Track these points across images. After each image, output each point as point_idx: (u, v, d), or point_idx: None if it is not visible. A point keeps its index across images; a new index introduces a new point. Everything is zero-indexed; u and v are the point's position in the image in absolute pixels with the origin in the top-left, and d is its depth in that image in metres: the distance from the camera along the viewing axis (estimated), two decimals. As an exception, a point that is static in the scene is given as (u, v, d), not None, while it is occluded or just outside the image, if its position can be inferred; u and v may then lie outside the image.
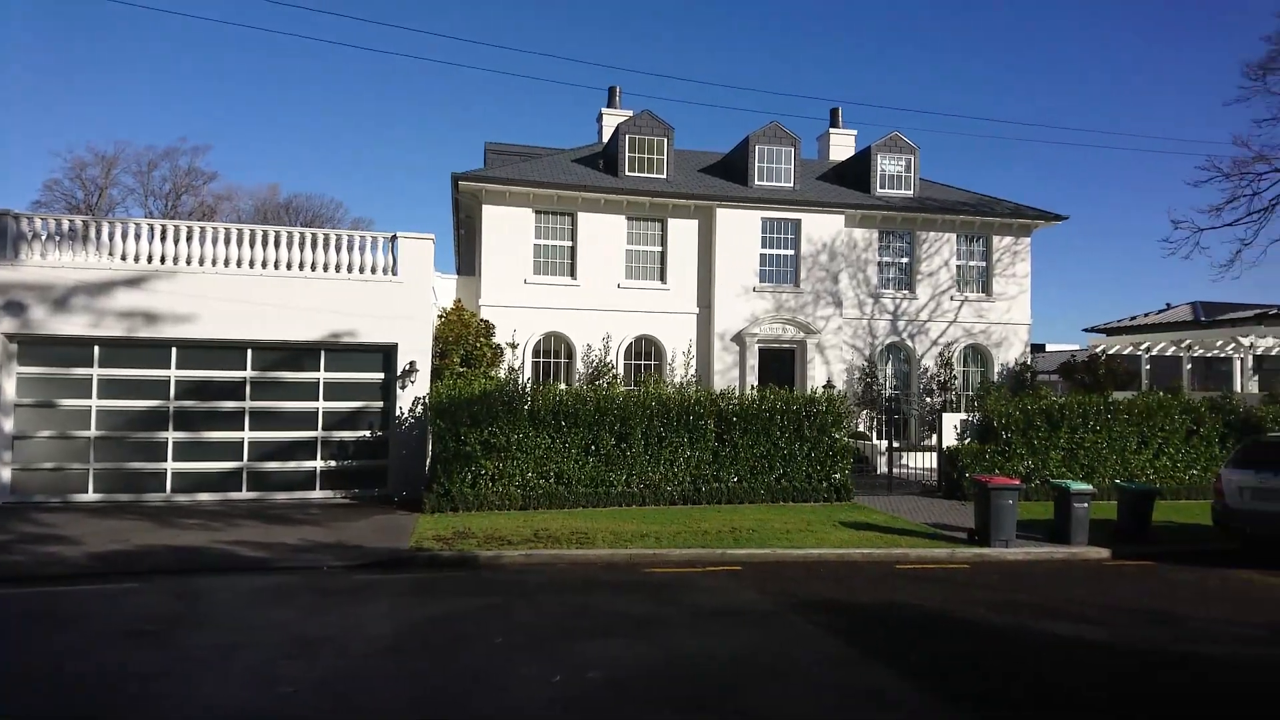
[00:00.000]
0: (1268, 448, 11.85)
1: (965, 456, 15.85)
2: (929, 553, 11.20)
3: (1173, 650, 7.15)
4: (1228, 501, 11.72)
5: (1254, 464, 11.56)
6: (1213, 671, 6.61)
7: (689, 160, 23.73)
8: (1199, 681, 6.37)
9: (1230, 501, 11.67)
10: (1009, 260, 22.78)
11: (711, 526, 12.33)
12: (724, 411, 14.81)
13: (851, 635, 7.38)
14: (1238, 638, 7.60)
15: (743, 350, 20.47)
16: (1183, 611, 8.48)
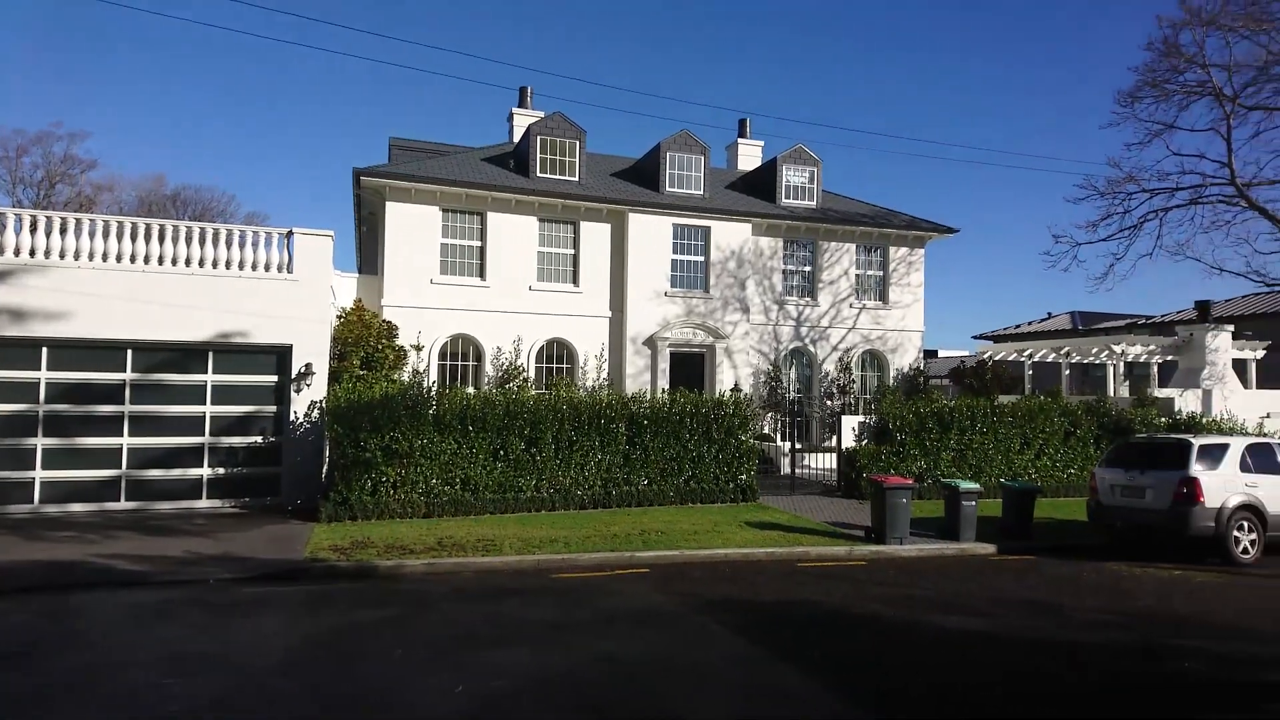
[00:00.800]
0: (1136, 448, 12.81)
1: (863, 457, 16.45)
2: (829, 551, 11.55)
3: (1055, 640, 7.61)
4: (1101, 498, 12.61)
5: (1124, 463, 12.48)
6: (1092, 659, 7.07)
7: (601, 164, 23.74)
8: (1080, 669, 6.79)
9: (1104, 498, 12.56)
10: (904, 270, 23.81)
11: (621, 530, 12.33)
12: (635, 415, 14.86)
13: (757, 634, 7.51)
14: (1111, 625, 8.16)
15: (654, 354, 20.61)
16: (1063, 603, 9.04)
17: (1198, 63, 20.19)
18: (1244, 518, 11.45)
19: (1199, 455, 11.64)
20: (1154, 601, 9.09)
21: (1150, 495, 11.79)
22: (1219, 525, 11.29)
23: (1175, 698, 6.08)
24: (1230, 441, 12.15)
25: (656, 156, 22.02)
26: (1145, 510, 11.87)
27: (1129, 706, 5.91)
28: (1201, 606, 8.88)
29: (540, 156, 20.85)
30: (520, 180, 20.38)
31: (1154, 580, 10.26)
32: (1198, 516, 11.29)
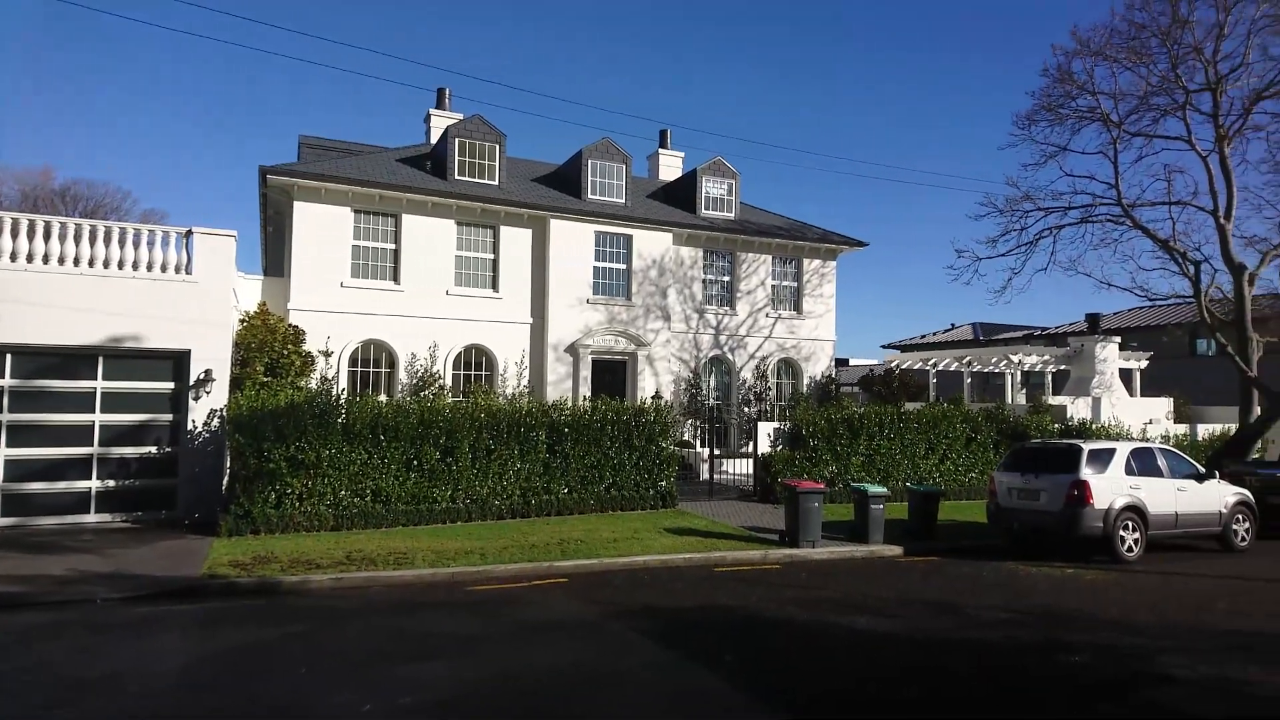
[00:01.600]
0: (1031, 453, 13.52)
1: (778, 462, 16.79)
2: (744, 555, 11.72)
3: (959, 638, 7.92)
4: (1000, 501, 13.23)
5: (1020, 467, 13.14)
6: (992, 655, 7.39)
7: (521, 169, 23.53)
8: (980, 664, 7.09)
9: (1002, 501, 13.18)
10: (817, 281, 24.50)
11: (540, 539, 12.19)
12: (556, 423, 14.73)
13: (674, 640, 7.53)
14: (1009, 623, 8.55)
15: (576, 361, 20.51)
16: (964, 601, 9.42)
17: (1088, 90, 21.56)
18: (1129, 518, 12.21)
19: (1088, 460, 12.36)
20: (1048, 599, 9.58)
21: (1044, 498, 12.45)
22: (1106, 525, 12.01)
23: (1068, 690, 6.41)
24: (1117, 446, 12.96)
25: (578, 163, 21.99)
26: (1040, 512, 12.52)
27: (1027, 700, 6.19)
28: (1091, 602, 9.41)
29: (459, 159, 20.50)
30: (437, 182, 19.98)
31: (1048, 579, 10.82)
32: (1088, 517, 11.99)
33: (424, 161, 21.40)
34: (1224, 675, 6.67)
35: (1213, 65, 19.76)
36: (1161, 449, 13.52)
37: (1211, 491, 13.18)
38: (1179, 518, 12.72)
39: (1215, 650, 7.44)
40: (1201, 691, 6.30)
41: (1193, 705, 6.02)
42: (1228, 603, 9.45)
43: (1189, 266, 20.72)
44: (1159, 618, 8.66)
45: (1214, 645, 7.63)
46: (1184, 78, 20.23)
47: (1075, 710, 5.96)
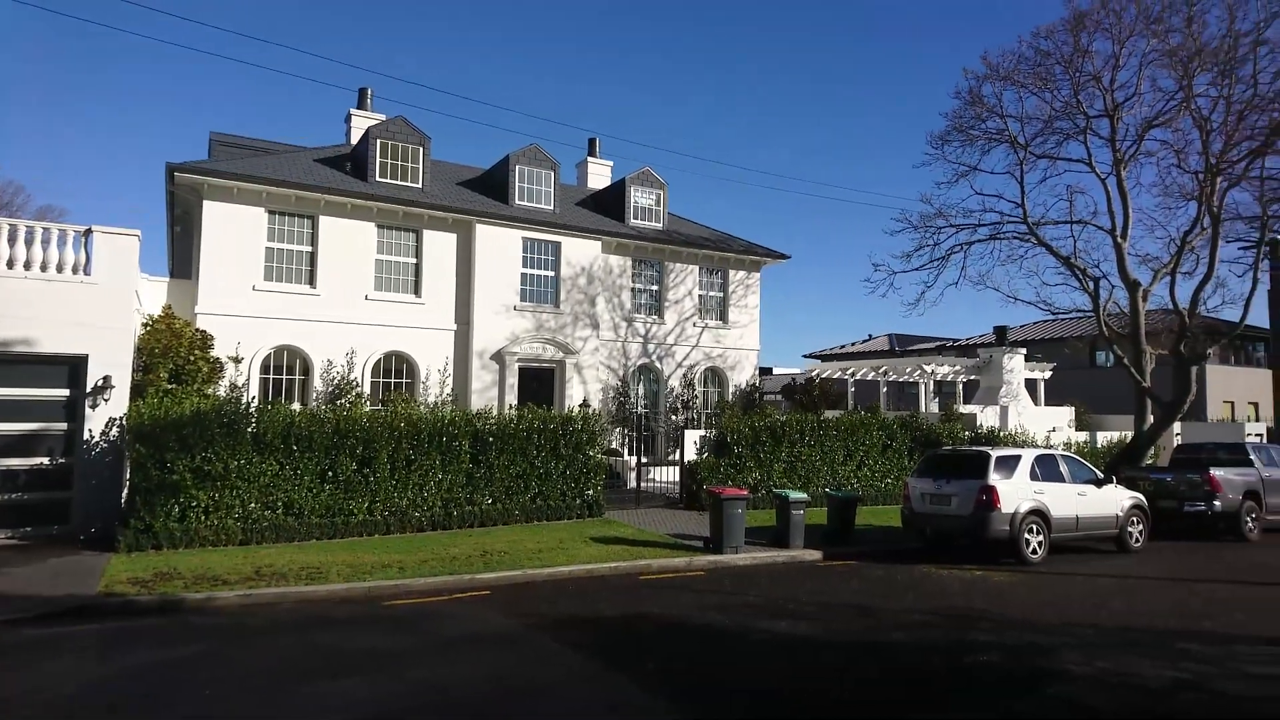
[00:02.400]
0: (943, 459, 14.04)
1: (703, 470, 16.95)
2: (670, 562, 11.76)
3: (872, 639, 8.14)
4: (913, 505, 13.69)
5: (933, 473, 13.63)
6: (902, 655, 7.61)
7: (447, 172, 23.14)
8: (893, 664, 7.29)
9: (915, 505, 13.64)
10: (743, 292, 24.91)
11: (462, 551, 11.94)
12: (480, 432, 14.47)
13: (597, 650, 7.48)
14: (921, 624, 8.82)
15: (502, 369, 20.23)
16: (879, 604, 9.69)
17: (997, 113, 22.64)
18: (1033, 521, 12.80)
19: (996, 466, 12.92)
20: (958, 600, 9.94)
21: (955, 502, 12.93)
22: (1013, 529, 12.56)
23: (975, 688, 6.65)
24: (1022, 453, 13.59)
25: (505, 168, 21.77)
26: (951, 516, 13.00)
27: (936, 699, 6.39)
28: (998, 603, 9.81)
29: (380, 160, 20.01)
30: (357, 184, 19.44)
31: (958, 580, 11.23)
32: (995, 521, 12.51)
33: (344, 162, 20.80)
34: (1118, 670, 7.05)
35: (1110, 93, 21.06)
36: (1063, 455, 14.23)
37: (1109, 496, 13.95)
38: (1079, 521, 13.41)
39: (1111, 646, 7.86)
40: (1097, 686, 6.63)
41: (1088, 699, 6.32)
42: (1122, 601, 10.00)
43: (1089, 282, 21.95)
44: (1060, 616, 9.09)
45: (1110, 641, 8.05)
46: (1085, 104, 21.49)
47: (980, 708, 6.18)
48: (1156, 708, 6.16)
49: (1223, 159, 19.94)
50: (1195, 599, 10.11)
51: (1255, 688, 6.66)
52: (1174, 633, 8.36)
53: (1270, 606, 9.74)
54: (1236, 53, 19.55)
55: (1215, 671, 7.04)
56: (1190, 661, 7.32)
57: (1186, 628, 8.58)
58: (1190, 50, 19.71)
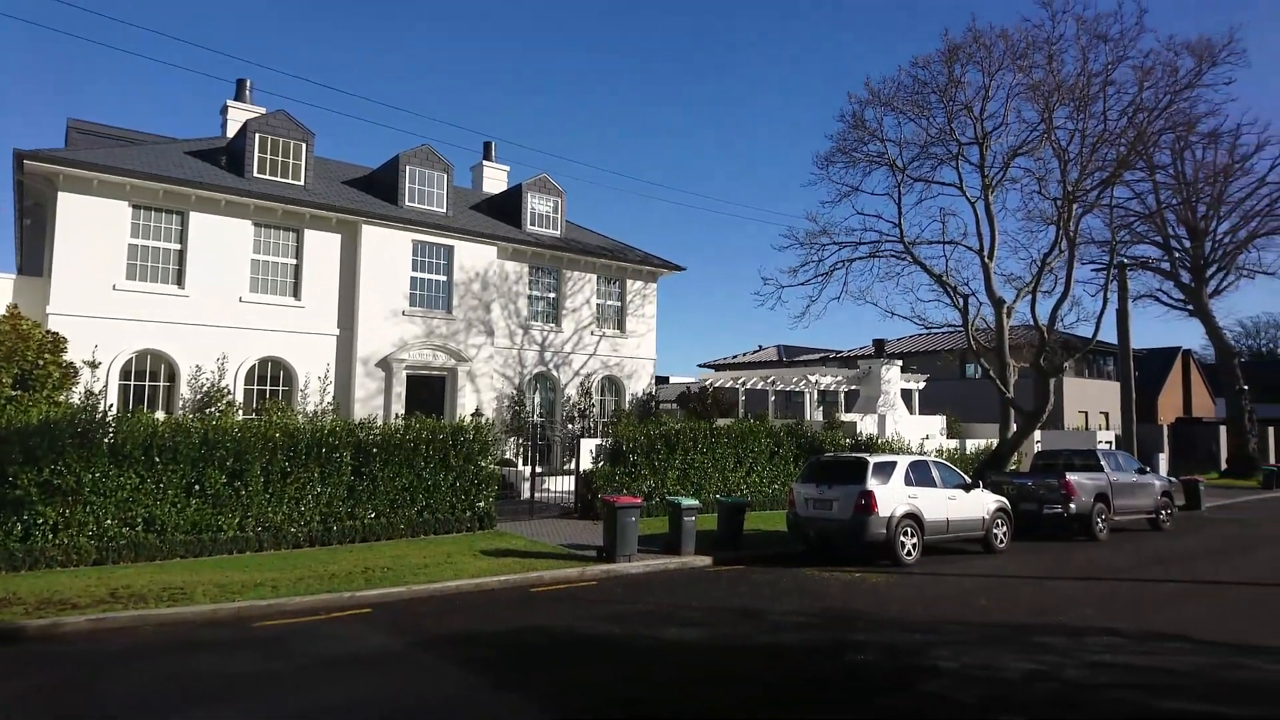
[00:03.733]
0: (826, 465, 14.56)
1: (599, 478, 16.92)
2: (562, 573, 11.64)
3: (757, 642, 8.32)
4: (798, 510, 14.12)
5: (816, 479, 14.11)
6: (785, 656, 7.82)
7: (332, 170, 22.20)
8: (777, 665, 7.47)
9: (800, 510, 14.08)
10: (640, 302, 25.12)
11: (342, 568, 11.39)
12: (363, 442, 13.88)
13: (485, 666, 7.30)
14: (803, 625, 9.09)
15: (389, 376, 19.51)
16: (765, 607, 9.92)
17: (878, 136, 23.89)
18: (908, 524, 13.45)
19: (874, 471, 13.51)
20: (839, 602, 10.32)
21: (836, 507, 13.44)
22: (889, 532, 13.16)
23: (852, 687, 6.90)
24: (898, 460, 14.27)
25: (395, 169, 21.09)
26: (832, 520, 13.50)
27: (816, 698, 6.59)
28: (875, 603, 10.24)
29: (259, 156, 18.97)
30: (234, 180, 18.35)
31: (839, 583, 11.66)
32: (873, 525, 13.07)
33: (219, 156, 19.59)
34: (982, 664, 7.49)
35: (980, 122, 22.61)
36: (935, 462, 15.05)
37: (976, 500, 14.84)
38: (950, 523, 14.20)
39: (977, 642, 8.34)
40: (964, 680, 7.02)
41: (955, 693, 6.68)
42: (987, 598, 10.64)
43: (959, 299, 23.43)
44: (932, 615, 9.58)
45: (976, 637, 8.54)
46: (957, 131, 23.00)
47: (858, 705, 6.42)
48: (1015, 697, 6.58)
49: (1078, 187, 21.79)
50: (1051, 595, 10.89)
51: (1098, 675, 7.22)
52: (1032, 627, 8.97)
53: (1113, 600, 10.61)
54: (1089, 90, 21.46)
55: (1066, 662, 7.58)
56: (1046, 654, 7.87)
57: (1043, 622, 9.22)
58: (1050, 86, 21.46)
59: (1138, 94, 21.58)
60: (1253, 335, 74.01)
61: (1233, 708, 6.36)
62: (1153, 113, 21.94)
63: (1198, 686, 6.88)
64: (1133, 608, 10.04)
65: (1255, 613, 9.79)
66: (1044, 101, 21.56)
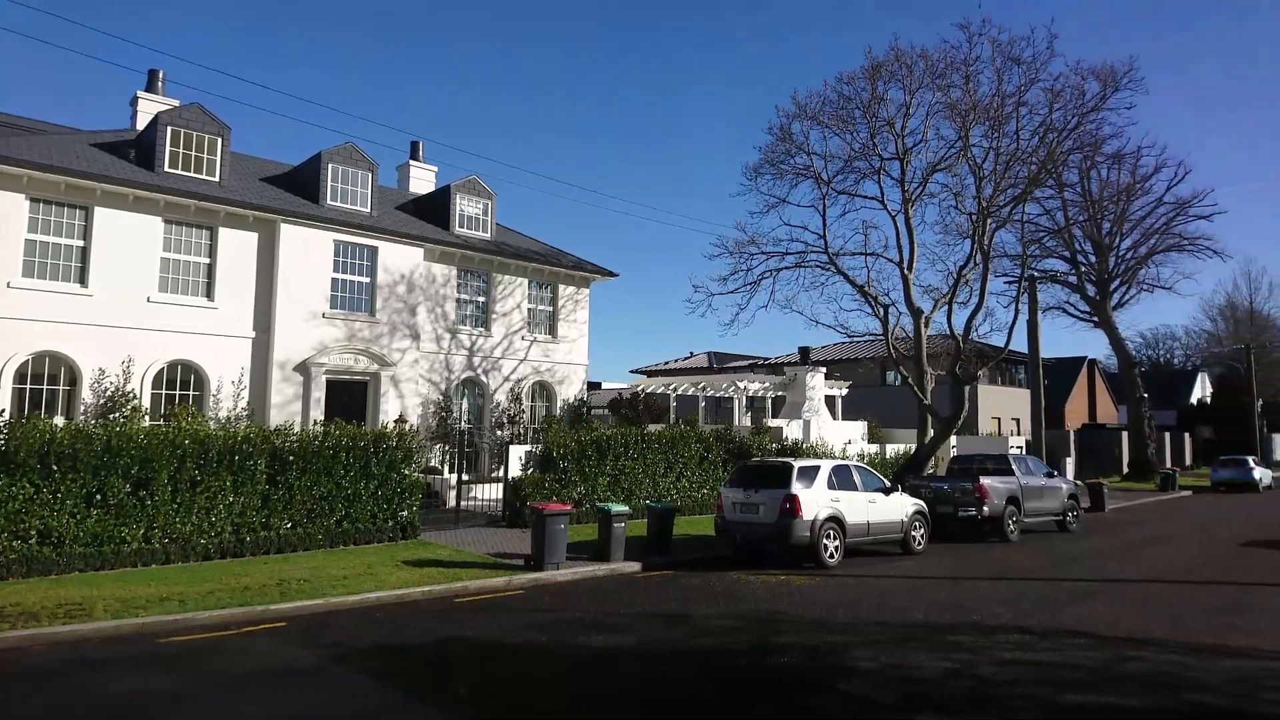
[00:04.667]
0: (752, 470, 14.78)
1: (528, 485, 16.73)
2: (488, 583, 11.45)
3: (684, 647, 8.35)
4: (725, 515, 14.28)
5: (743, 483, 14.30)
6: (711, 659, 7.88)
7: (250, 167, 21.37)
8: (702, 669, 7.51)
9: (727, 514, 14.24)
10: (572, 307, 25.00)
11: (255, 581, 10.92)
12: (280, 449, 13.36)
13: (406, 678, 7.11)
14: (729, 629, 9.18)
15: (308, 381, 18.85)
16: (692, 611, 9.98)
17: (804, 150, 24.46)
18: (831, 527, 13.76)
19: (798, 476, 13.77)
20: (763, 605, 10.46)
21: (762, 511, 13.65)
22: (813, 534, 13.43)
23: (776, 689, 6.99)
24: (821, 464, 14.59)
25: (317, 166, 20.44)
26: (759, 524, 13.70)
27: (740, 700, 6.65)
28: (799, 606, 10.42)
29: (171, 150, 18.11)
30: (143, 174, 17.46)
31: (764, 585, 11.83)
32: (798, 528, 13.32)
33: (127, 149, 18.62)
34: (900, 663, 7.70)
35: (901, 139, 23.40)
36: (857, 466, 15.46)
37: (896, 503, 15.30)
38: (870, 526, 14.59)
39: (895, 641, 8.57)
40: (882, 680, 7.20)
41: (875, 693, 6.84)
42: (905, 599, 10.97)
43: (880, 309, 24.16)
44: (852, 616, 9.81)
45: (895, 637, 8.78)
46: (880, 147, 23.75)
47: (781, 707, 6.51)
48: (932, 695, 6.79)
49: (992, 203, 22.80)
50: (965, 595, 11.30)
51: (1008, 672, 7.52)
52: (948, 626, 9.28)
53: (1023, 599, 11.08)
54: (1003, 110, 22.49)
55: (979, 660, 7.88)
56: (960, 652, 8.15)
57: (957, 621, 9.55)
58: (967, 105, 22.39)
59: (1048, 115, 22.76)
60: (1152, 346, 78.90)
61: (1127, 699, 6.71)
62: (1062, 133, 23.15)
63: (1098, 680, 7.24)
64: (1041, 606, 10.51)
65: (1150, 609, 10.37)
66: (961, 120, 22.48)
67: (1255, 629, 9.21)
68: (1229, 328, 66.53)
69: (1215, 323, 69.88)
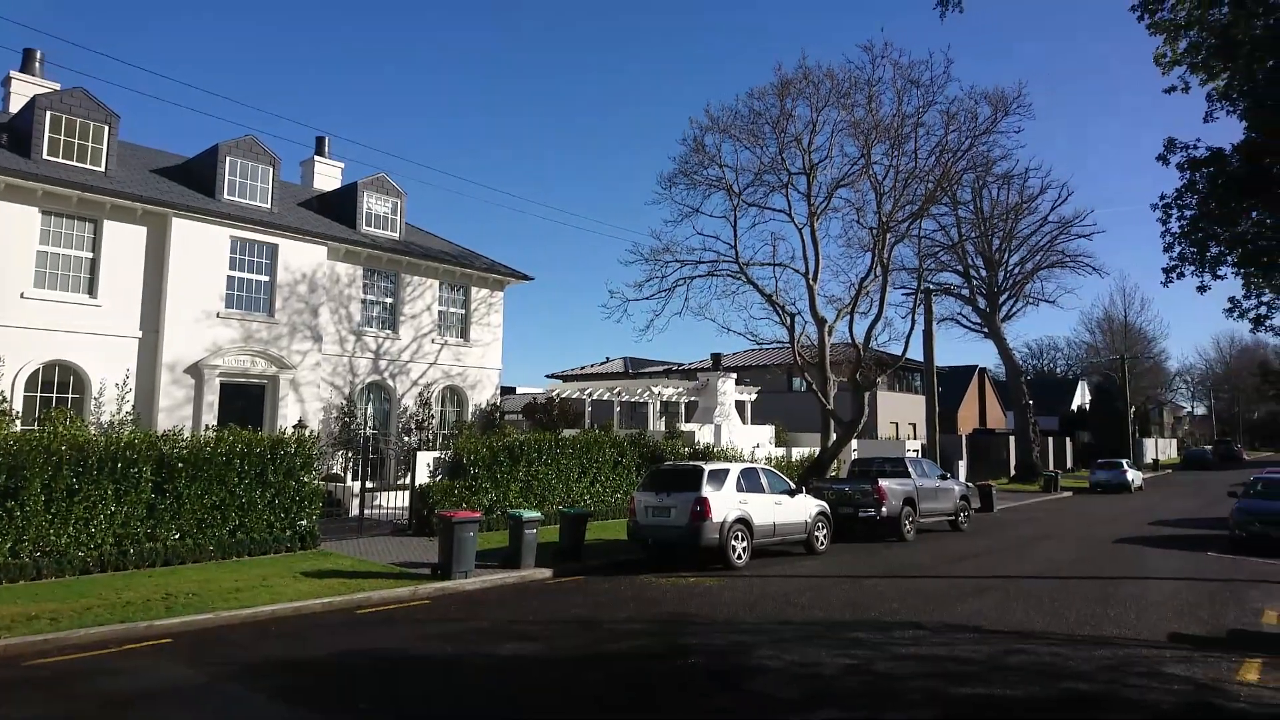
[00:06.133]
0: (665, 474, 14.93)
1: (436, 493, 16.35)
2: (392, 593, 11.12)
3: (594, 651, 8.36)
4: (638, 518, 14.36)
5: (655, 487, 14.42)
6: (621, 663, 7.91)
7: (140, 157, 20.14)
8: (612, 674, 7.54)
9: (640, 518, 14.32)
10: (485, 310, 24.62)
11: (138, 596, 10.26)
12: (167, 456, 12.60)
13: (299, 695, 6.83)
14: (640, 632, 9.23)
15: (200, 384, 17.85)
16: (603, 616, 9.98)
17: (717, 162, 24.95)
18: (739, 529, 14.03)
19: (709, 479, 13.99)
20: (673, 607, 10.57)
21: (674, 514, 13.79)
22: (722, 536, 13.67)
23: (684, 690, 7.08)
24: (730, 467, 14.87)
25: (214, 159, 19.42)
26: (671, 527, 13.84)
27: (649, 703, 6.70)
28: (707, 607, 10.58)
29: (50, 136, 16.87)
30: (18, 161, 16.18)
31: (675, 588, 11.95)
32: (708, 530, 13.53)
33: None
34: (803, 661, 7.92)
35: (808, 154, 24.18)
36: (764, 469, 15.83)
37: (800, 504, 15.74)
38: (777, 527, 14.97)
39: (798, 639, 8.82)
40: (787, 678, 7.40)
41: (779, 690, 7.02)
42: (808, 598, 11.30)
43: (787, 317, 24.87)
44: (758, 616, 10.03)
45: (798, 635, 9.03)
46: (788, 161, 24.48)
47: (688, 708, 6.60)
48: (833, 691, 7.01)
49: (891, 218, 23.84)
50: (865, 593, 11.73)
51: (904, 666, 7.86)
52: (848, 623, 9.61)
53: (917, 595, 11.60)
54: (903, 130, 23.58)
55: (877, 655, 8.19)
56: (859, 648, 8.46)
57: (857, 618, 9.90)
58: (870, 124, 23.36)
59: (944, 136, 23.98)
60: (1037, 356, 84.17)
61: (1012, 689, 7.11)
62: (956, 153, 24.43)
63: (986, 672, 7.65)
64: (934, 602, 11.02)
65: (1034, 603, 11.03)
66: (864, 138, 23.43)
67: (1124, 619, 9.93)
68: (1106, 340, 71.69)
69: (1094, 335, 75.18)
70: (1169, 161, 11.93)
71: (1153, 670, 7.73)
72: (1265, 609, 10.72)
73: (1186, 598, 11.45)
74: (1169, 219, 12.26)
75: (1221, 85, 11.54)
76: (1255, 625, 9.82)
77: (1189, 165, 11.73)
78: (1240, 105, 11.49)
